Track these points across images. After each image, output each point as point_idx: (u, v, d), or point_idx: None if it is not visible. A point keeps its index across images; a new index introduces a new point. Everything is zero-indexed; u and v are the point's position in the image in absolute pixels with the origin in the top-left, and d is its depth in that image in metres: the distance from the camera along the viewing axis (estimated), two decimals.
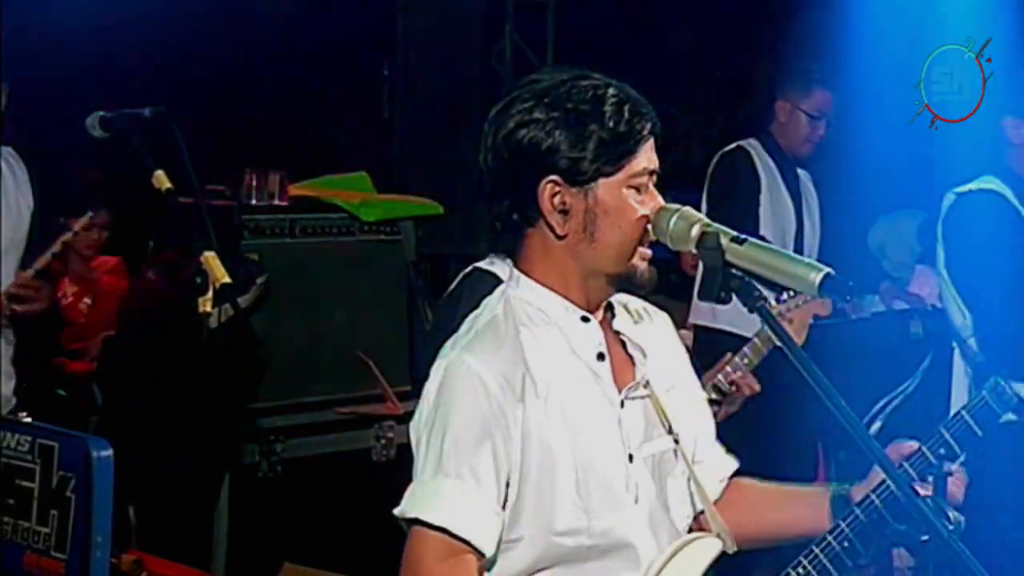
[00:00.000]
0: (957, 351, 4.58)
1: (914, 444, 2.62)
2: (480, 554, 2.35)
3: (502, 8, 8.14)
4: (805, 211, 5.67)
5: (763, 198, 5.55)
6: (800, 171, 5.71)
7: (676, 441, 2.53)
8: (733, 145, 5.67)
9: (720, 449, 2.72)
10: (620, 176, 2.41)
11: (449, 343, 2.47)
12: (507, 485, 2.36)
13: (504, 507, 2.37)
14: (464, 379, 2.37)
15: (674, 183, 3.06)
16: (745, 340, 4.18)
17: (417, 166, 7.64)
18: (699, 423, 2.66)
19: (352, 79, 7.49)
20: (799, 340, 4.04)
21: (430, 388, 2.42)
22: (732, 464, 2.73)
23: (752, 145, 5.64)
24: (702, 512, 2.58)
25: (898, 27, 6.83)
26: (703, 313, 5.32)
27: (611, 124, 2.40)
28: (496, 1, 8.12)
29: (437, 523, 2.33)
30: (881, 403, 5.33)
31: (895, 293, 7.02)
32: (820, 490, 2.69)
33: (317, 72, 7.14)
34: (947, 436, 2.77)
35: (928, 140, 5.85)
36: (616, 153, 2.40)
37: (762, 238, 3.69)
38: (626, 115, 2.41)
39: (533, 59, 8.04)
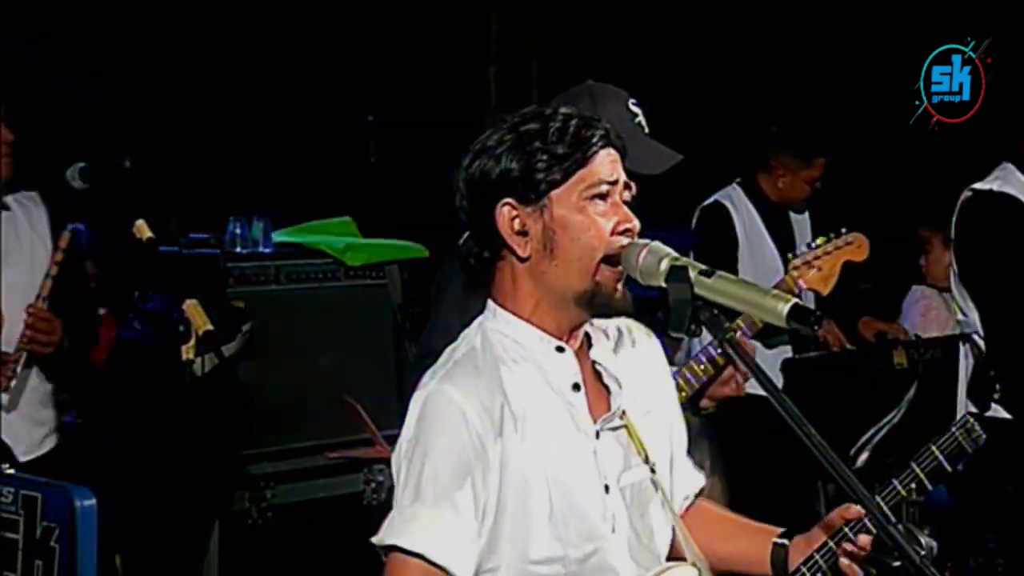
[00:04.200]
0: (962, 354, 4.57)
1: (860, 510, 2.59)
2: None
3: (485, 51, 8.19)
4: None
5: (742, 251, 5.58)
6: (795, 215, 5.74)
7: (652, 471, 2.54)
8: (711, 200, 5.70)
9: (689, 464, 2.72)
10: (574, 187, 2.42)
11: (428, 374, 2.48)
12: (484, 514, 2.37)
13: (481, 536, 2.37)
14: (444, 409, 2.38)
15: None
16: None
17: (402, 210, 7.65)
18: (675, 442, 2.66)
19: (336, 126, 7.52)
20: (827, 288, 3.84)
21: (410, 418, 2.43)
22: (699, 481, 2.74)
23: (732, 197, 5.67)
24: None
25: None
26: None
27: (556, 138, 2.42)
28: (479, 44, 8.17)
29: (414, 549, 2.34)
30: (868, 434, 5.34)
31: None
32: (772, 531, 2.69)
33: (301, 119, 7.17)
34: (918, 471, 2.77)
35: None
36: (565, 164, 2.42)
37: None
38: (572, 128, 2.43)
39: (518, 102, 8.06)
